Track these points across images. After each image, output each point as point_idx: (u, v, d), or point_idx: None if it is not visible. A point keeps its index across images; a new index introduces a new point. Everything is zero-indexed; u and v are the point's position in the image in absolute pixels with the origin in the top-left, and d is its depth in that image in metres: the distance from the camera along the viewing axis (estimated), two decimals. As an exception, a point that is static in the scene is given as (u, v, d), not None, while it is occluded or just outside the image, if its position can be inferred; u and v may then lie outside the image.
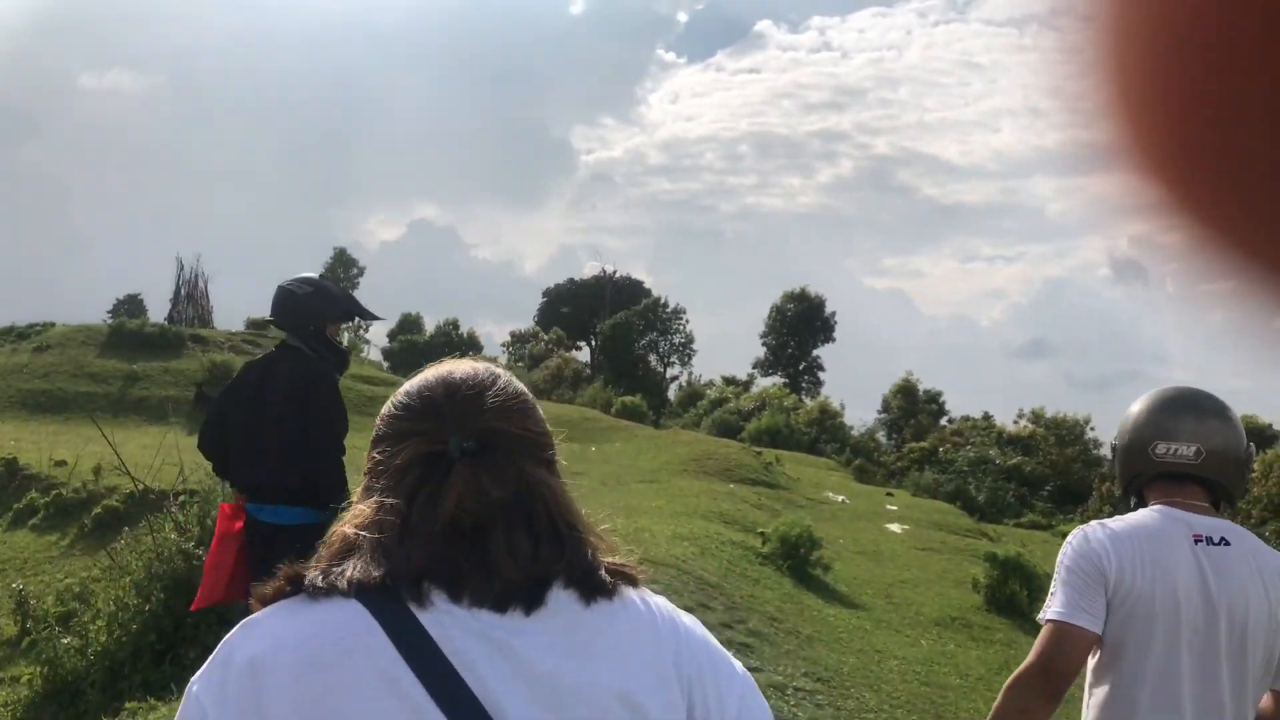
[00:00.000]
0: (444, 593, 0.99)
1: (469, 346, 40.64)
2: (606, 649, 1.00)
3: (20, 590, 6.65)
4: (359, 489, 1.13)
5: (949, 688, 6.29)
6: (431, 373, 1.17)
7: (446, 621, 0.98)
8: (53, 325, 22.09)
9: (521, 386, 1.20)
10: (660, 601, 1.13)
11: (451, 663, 0.95)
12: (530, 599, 1.00)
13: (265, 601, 1.03)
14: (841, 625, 7.47)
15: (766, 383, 37.34)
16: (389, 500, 1.04)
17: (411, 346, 42.77)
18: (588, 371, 35.43)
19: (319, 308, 4.24)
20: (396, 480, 1.05)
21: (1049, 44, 0.39)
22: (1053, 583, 2.11)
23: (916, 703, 5.80)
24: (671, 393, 39.32)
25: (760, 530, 9.29)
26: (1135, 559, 2.02)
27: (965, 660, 7.14)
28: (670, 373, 44.42)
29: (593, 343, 45.10)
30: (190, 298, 26.11)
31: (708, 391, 33.63)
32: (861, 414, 35.41)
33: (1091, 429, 28.82)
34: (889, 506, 16.40)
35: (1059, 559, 2.13)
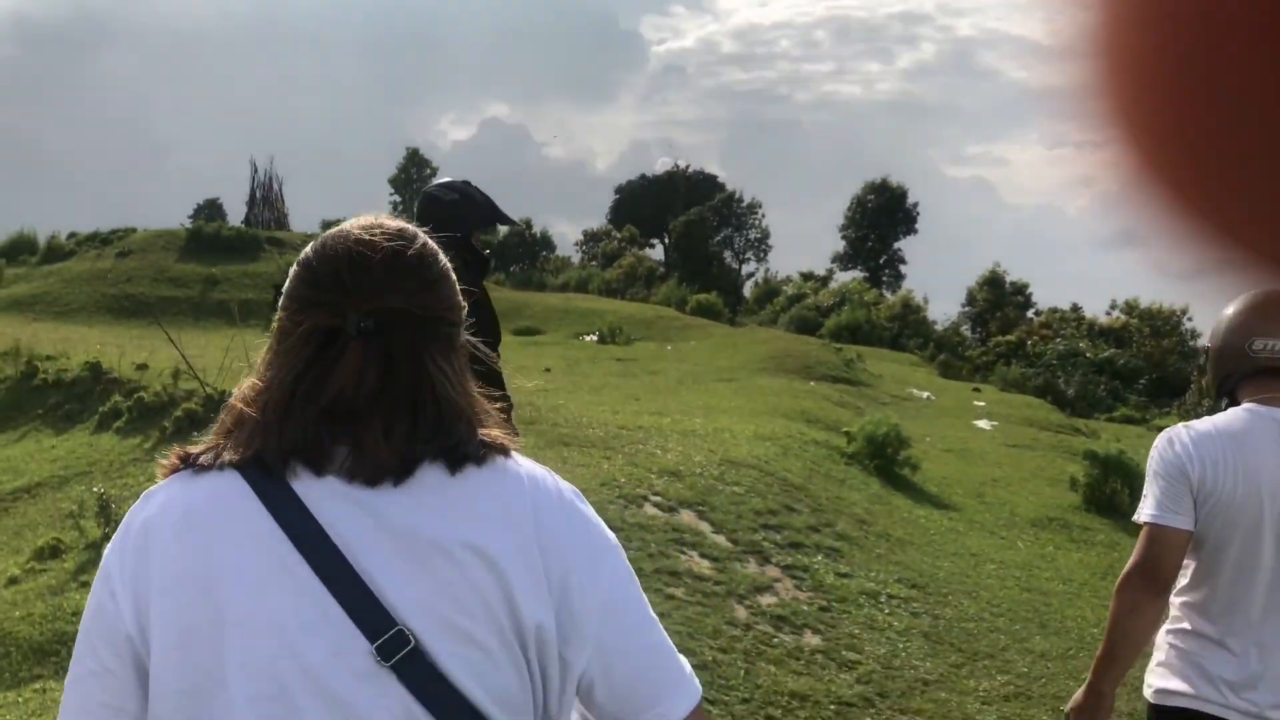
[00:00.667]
0: (312, 470, 1.04)
1: (542, 245, 40.41)
2: (465, 508, 1.04)
3: (102, 494, 6.65)
4: (262, 351, 1.11)
5: (1051, 594, 5.94)
6: (341, 234, 1.12)
7: (316, 491, 1.03)
8: (134, 231, 22.36)
9: (436, 255, 1.15)
10: (537, 471, 1.13)
11: (318, 521, 1.01)
12: (399, 474, 1.03)
13: (164, 476, 1.10)
14: (933, 527, 7.13)
15: (846, 278, 36.42)
16: (279, 375, 1.06)
17: (485, 246, 42.72)
18: (661, 270, 34.97)
19: (466, 214, 4.17)
20: (294, 352, 1.07)
21: None
22: (1145, 484, 2.19)
23: (1019, 610, 5.48)
24: (747, 290, 38.70)
25: (845, 430, 8.93)
26: (1219, 459, 2.08)
27: (1066, 564, 6.77)
28: (746, 269, 43.70)
29: (666, 240, 44.48)
30: (266, 200, 26.21)
31: (785, 288, 32.93)
32: (945, 308, 34.43)
33: (1189, 319, 27.50)
34: (976, 402, 15.86)
35: (1149, 462, 2.20)
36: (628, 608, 1.11)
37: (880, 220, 40.67)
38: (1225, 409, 2.22)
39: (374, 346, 1.05)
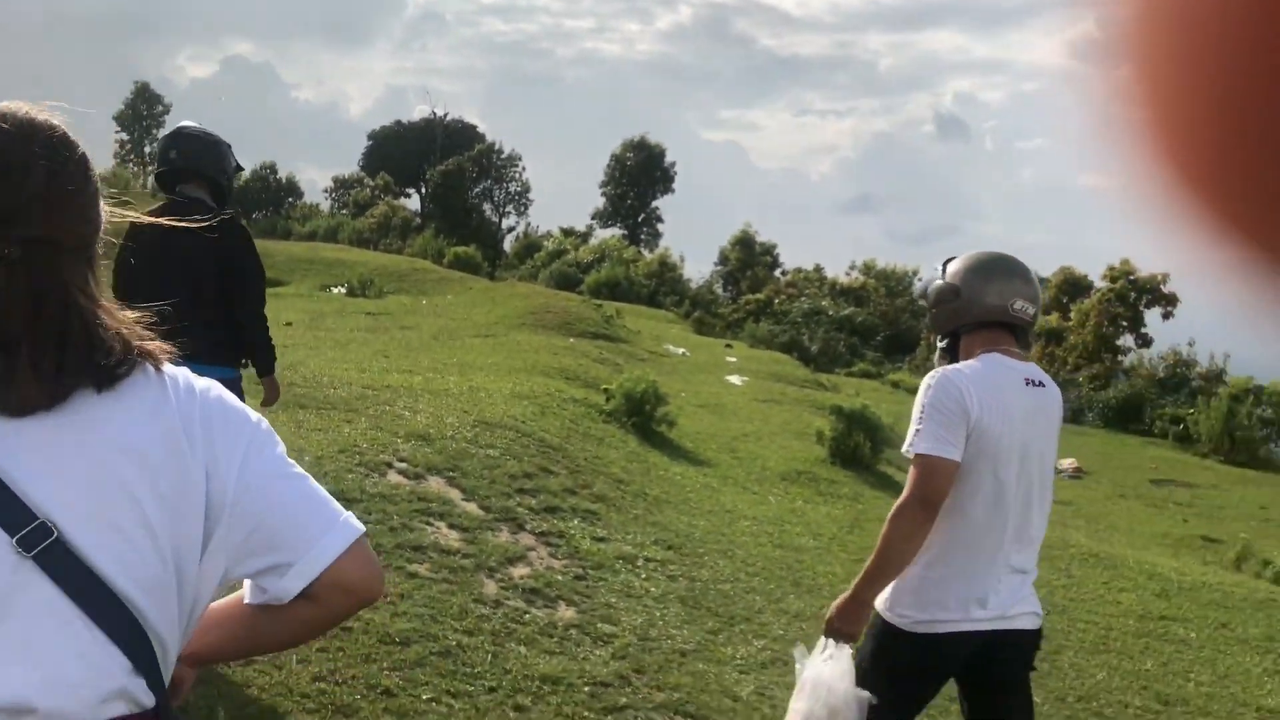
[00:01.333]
0: None
1: (287, 192, 37.99)
2: (111, 417, 1.08)
3: None
4: None
5: (803, 549, 6.02)
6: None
7: None
8: None
9: (88, 170, 1.11)
10: (180, 374, 1.16)
11: None
12: (50, 403, 1.05)
13: None
14: (689, 484, 7.10)
15: (606, 234, 36.65)
16: None
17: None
18: (417, 220, 33.78)
19: (231, 158, 4.06)
20: None
21: None
22: (916, 419, 2.31)
23: (773, 569, 5.49)
24: (507, 244, 38.18)
25: (604, 387, 8.77)
26: (988, 399, 2.30)
27: (815, 518, 6.92)
28: (506, 223, 43.08)
29: (423, 190, 43.03)
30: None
31: (545, 243, 32.71)
32: (700, 267, 35.34)
33: (919, 280, 29.66)
34: (728, 359, 16.27)
35: (920, 398, 2.34)
36: (271, 469, 1.16)
37: (639, 178, 41.15)
38: (948, 350, 2.52)
39: (17, 276, 1.03)
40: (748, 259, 33.41)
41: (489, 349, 11.34)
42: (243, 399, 1.35)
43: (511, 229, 41.76)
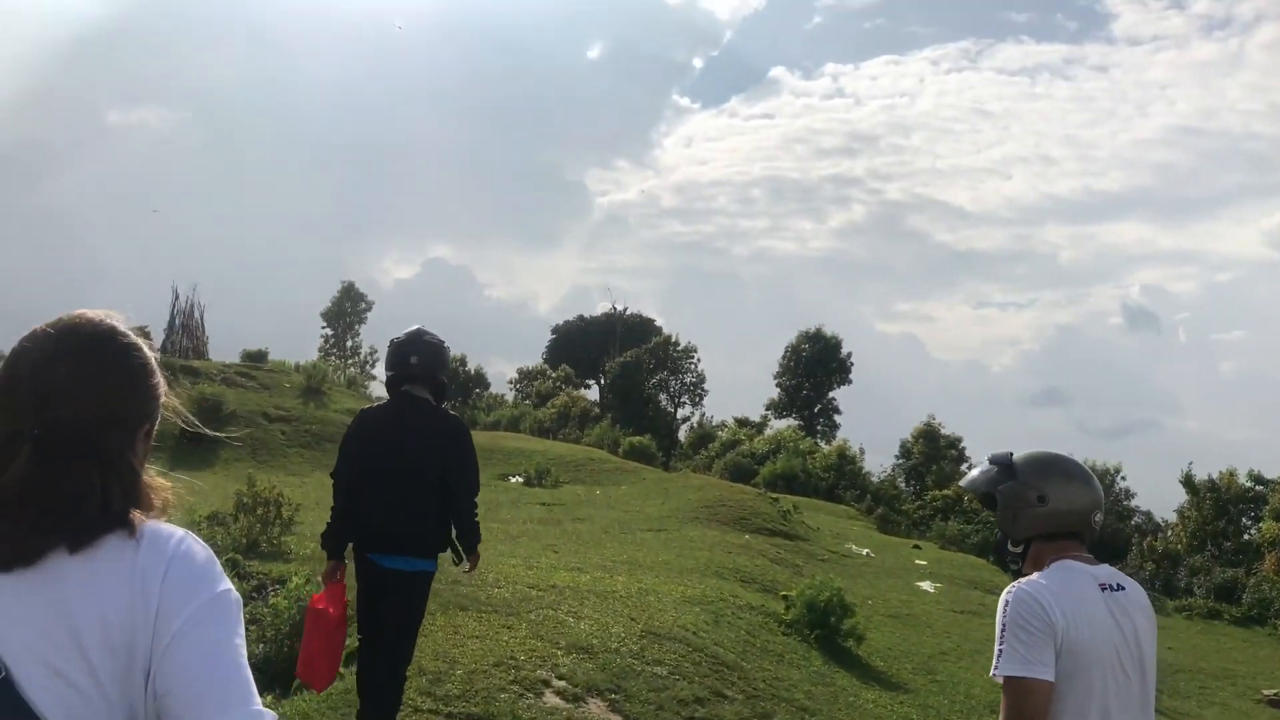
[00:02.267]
0: None
1: (475, 383, 39.56)
2: (77, 576, 1.19)
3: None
4: None
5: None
6: (24, 343, 1.29)
7: None
8: (35, 353, 21.08)
9: (113, 355, 1.29)
10: (163, 536, 1.25)
11: None
12: (24, 562, 1.18)
13: None
14: (884, 716, 6.23)
15: (781, 425, 36.06)
16: None
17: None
18: (596, 410, 34.26)
19: (449, 360, 4.37)
20: None
21: (1061, 93, 0.30)
22: (999, 639, 2.21)
23: (991, 833, 4.56)
24: (682, 434, 38.11)
25: (783, 594, 8.07)
26: (1072, 609, 2.19)
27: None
28: (681, 413, 43.22)
29: (602, 381, 43.98)
30: (185, 328, 25.14)
31: (719, 433, 32.39)
32: (880, 460, 34.04)
33: (1122, 478, 27.41)
34: (917, 561, 15.11)
35: (1003, 615, 2.23)
36: (206, 637, 1.21)
37: (815, 369, 40.71)
38: (1024, 558, 2.38)
39: (41, 454, 1.22)
40: (932, 452, 31.96)
41: (661, 545, 10.84)
42: (426, 596, 2.23)
43: (686, 419, 41.83)
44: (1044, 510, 2.37)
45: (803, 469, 23.42)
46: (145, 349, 1.34)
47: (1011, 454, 2.47)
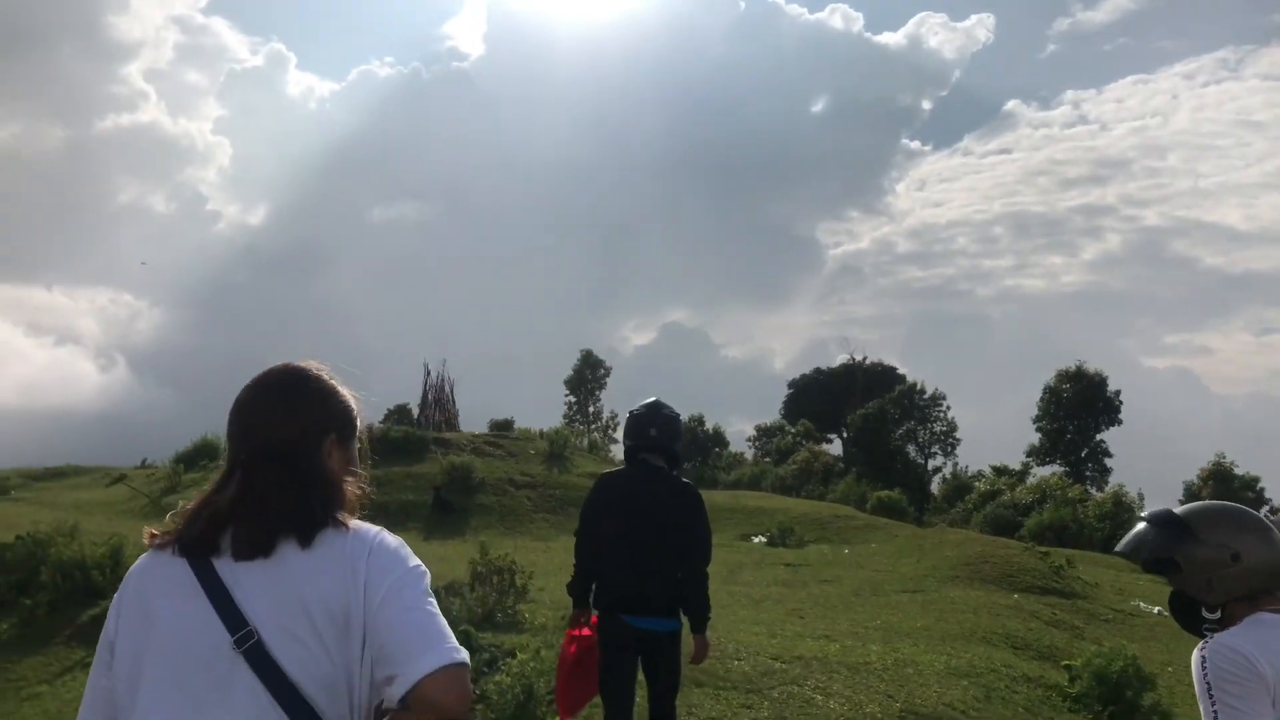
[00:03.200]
0: (216, 548, 1.62)
1: (714, 442, 39.37)
2: (303, 563, 1.58)
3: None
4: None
5: None
6: (240, 394, 1.75)
7: (218, 560, 1.61)
8: (309, 435, 22.68)
9: (300, 388, 1.74)
10: (365, 530, 1.64)
11: (220, 575, 1.59)
12: (265, 551, 1.59)
13: (147, 546, 1.71)
14: (1207, 814, 5.16)
15: (1044, 472, 33.40)
16: (207, 492, 1.68)
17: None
18: (839, 465, 33.11)
19: (683, 431, 4.58)
20: (222, 475, 1.70)
21: None
22: (1210, 701, 2.06)
23: None
24: (934, 486, 36.13)
25: (1065, 663, 7.04)
26: (1275, 658, 2.09)
27: None
28: (931, 464, 41.08)
29: (844, 434, 42.63)
30: (437, 402, 26.49)
31: (976, 484, 30.34)
32: (1160, 506, 30.69)
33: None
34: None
35: (1207, 678, 2.10)
36: (405, 599, 1.56)
37: (1078, 410, 37.60)
38: (1221, 623, 2.23)
39: (250, 473, 1.65)
40: (1224, 495, 28.48)
41: (918, 608, 9.92)
42: (679, 653, 3.76)
43: (938, 470, 39.68)
44: (1239, 569, 2.25)
45: (1073, 519, 21.39)
46: (324, 379, 1.76)
47: (1170, 510, 2.36)
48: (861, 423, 39.15)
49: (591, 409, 42.65)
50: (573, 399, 43.09)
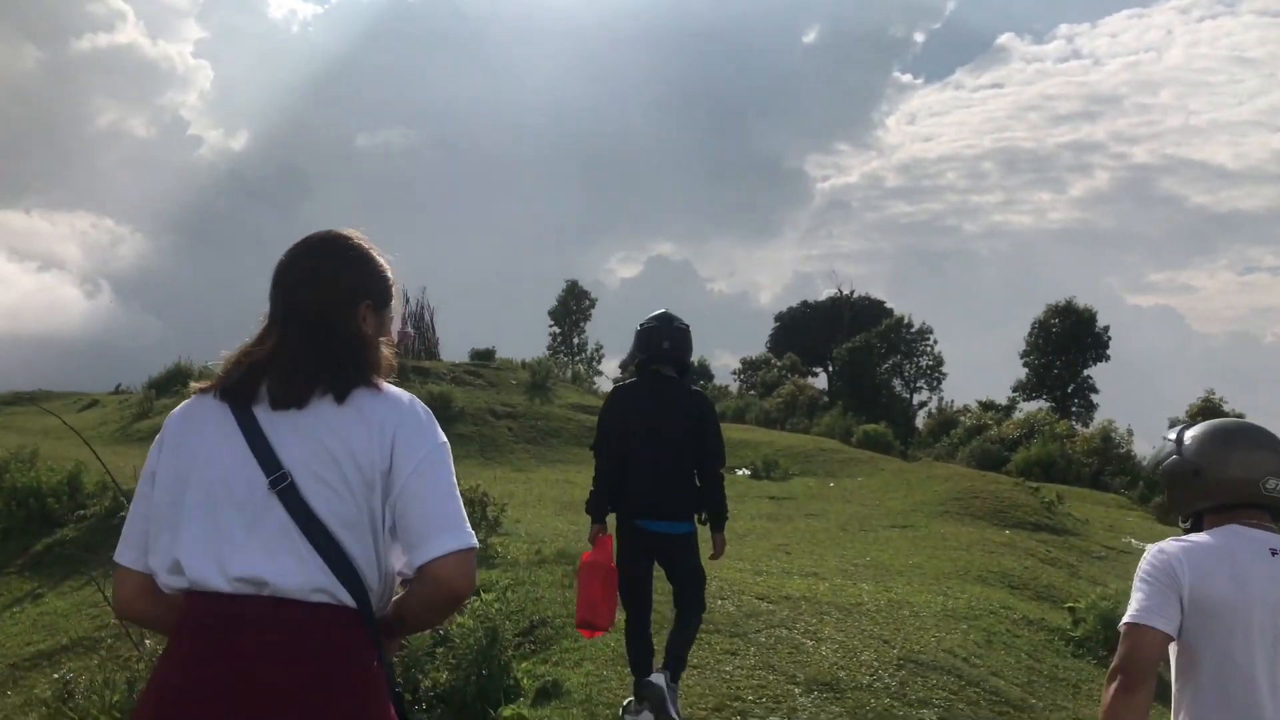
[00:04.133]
0: (251, 397, 1.74)
1: (700, 375, 39.06)
2: (334, 415, 1.70)
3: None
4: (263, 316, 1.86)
5: None
6: (288, 251, 1.87)
7: (257, 408, 1.73)
8: (283, 361, 22.12)
9: (340, 255, 1.85)
10: (394, 393, 1.76)
11: (255, 415, 1.72)
12: (299, 403, 1.71)
13: (191, 394, 1.87)
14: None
15: (1030, 407, 33.18)
16: (246, 345, 1.81)
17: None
18: (824, 399, 32.79)
19: (692, 343, 4.64)
20: (263, 329, 1.82)
21: None
22: (1132, 592, 2.24)
23: None
24: (919, 420, 35.91)
25: (1069, 605, 6.68)
26: (1211, 567, 2.18)
27: None
28: (917, 399, 40.87)
29: (829, 368, 42.32)
30: (418, 330, 25.89)
31: (962, 418, 30.07)
32: (1149, 442, 30.59)
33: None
34: (1214, 558, 12.94)
35: (1137, 571, 2.27)
36: (433, 477, 1.70)
37: (1067, 345, 37.33)
38: (1192, 528, 2.34)
39: (288, 326, 1.78)
40: (1211, 432, 28.29)
41: (908, 545, 9.56)
42: (697, 552, 4.21)
43: (923, 405, 39.48)
44: (1200, 484, 2.31)
45: (1061, 454, 21.11)
46: (362, 246, 1.88)
47: (1186, 425, 2.41)
48: (848, 356, 38.80)
49: (576, 340, 42.13)
50: (557, 330, 42.52)
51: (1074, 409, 36.45)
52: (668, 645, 4.20)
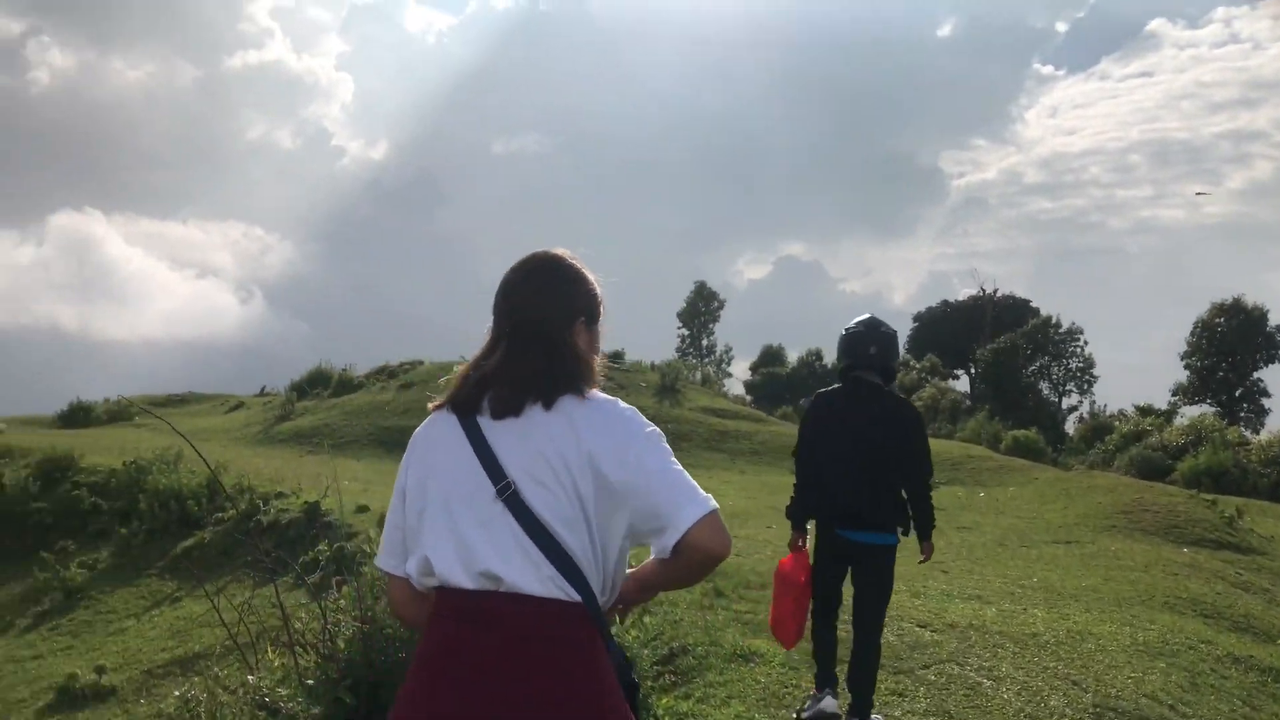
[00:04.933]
0: (475, 410, 1.88)
1: (833, 377, 38.04)
2: (545, 422, 1.81)
3: (210, 691, 5.00)
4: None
5: None
6: (506, 274, 2.01)
7: (481, 419, 1.86)
8: (420, 363, 22.38)
9: (559, 274, 1.98)
10: (600, 398, 1.86)
11: (480, 426, 1.85)
12: (515, 411, 1.83)
13: (430, 411, 2.00)
14: None
15: (1193, 412, 30.95)
16: (475, 358, 1.95)
17: (774, 378, 40.79)
18: (967, 402, 31.35)
19: (899, 349, 4.53)
20: (488, 343, 1.96)
21: None
22: None
23: None
24: (1070, 426, 33.99)
25: (1283, 641, 5.80)
26: None
27: None
28: (1066, 403, 38.75)
29: (971, 370, 40.57)
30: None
31: (1116, 423, 28.24)
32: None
33: None
34: None
35: None
36: (651, 461, 1.77)
37: (1235, 346, 34.70)
38: None
39: (512, 343, 1.90)
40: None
41: (1077, 563, 8.68)
42: (893, 565, 4.20)
43: (1073, 409, 37.40)
44: None
45: (1235, 463, 19.43)
46: (577, 266, 2.00)
47: None
48: (991, 358, 37.07)
49: (705, 342, 41.64)
50: (685, 331, 42.11)
51: (1243, 414, 33.85)
52: (851, 684, 4.10)
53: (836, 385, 4.54)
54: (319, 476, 12.55)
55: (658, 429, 1.83)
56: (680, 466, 1.78)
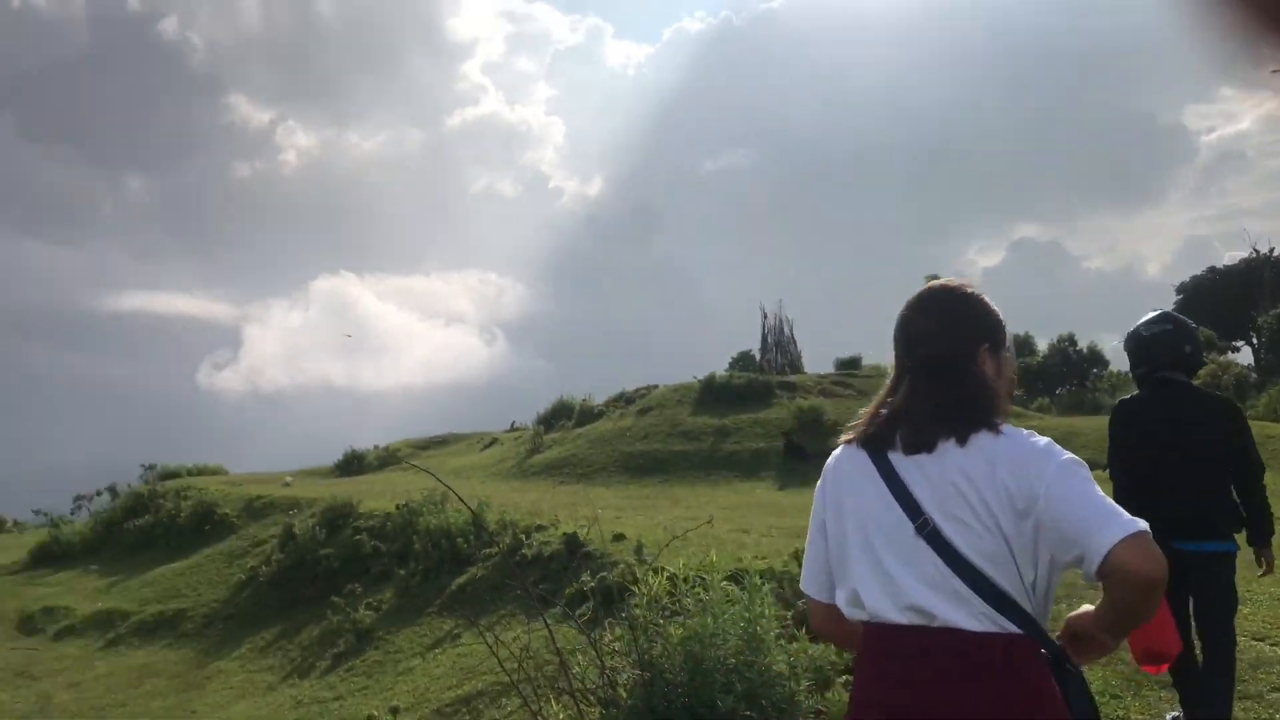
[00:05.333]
0: (888, 445, 1.91)
1: (1090, 362, 35.32)
2: (957, 456, 1.81)
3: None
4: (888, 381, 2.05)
5: None
6: (903, 311, 2.05)
7: (893, 454, 1.89)
8: (654, 387, 22.64)
9: (957, 304, 2.00)
10: (1012, 432, 1.82)
11: (892, 464, 1.88)
12: (928, 447, 1.85)
13: (842, 442, 2.05)
14: None
15: None
16: (881, 395, 2.02)
17: (1025, 369, 38.46)
18: (1253, 376, 28.24)
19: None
20: (893, 379, 2.02)
21: None
22: None
23: None
24: (1382, 391, 29.87)
25: None
26: None
27: None
28: (1373, 365, 34.11)
29: (1254, 341, 36.59)
30: (778, 345, 25.57)
31: None
32: None
33: None
34: None
35: None
36: (1069, 489, 1.71)
37: None
38: None
39: (917, 379, 1.94)
40: None
41: None
42: (1234, 575, 3.80)
43: (1384, 372, 32.84)
44: None
45: None
46: (974, 294, 2.01)
47: None
48: (1276, 324, 33.27)
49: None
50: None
51: None
52: (1205, 713, 3.87)
53: (1137, 393, 4.34)
54: (573, 506, 12.85)
55: (1075, 456, 1.78)
56: (1102, 492, 1.72)
